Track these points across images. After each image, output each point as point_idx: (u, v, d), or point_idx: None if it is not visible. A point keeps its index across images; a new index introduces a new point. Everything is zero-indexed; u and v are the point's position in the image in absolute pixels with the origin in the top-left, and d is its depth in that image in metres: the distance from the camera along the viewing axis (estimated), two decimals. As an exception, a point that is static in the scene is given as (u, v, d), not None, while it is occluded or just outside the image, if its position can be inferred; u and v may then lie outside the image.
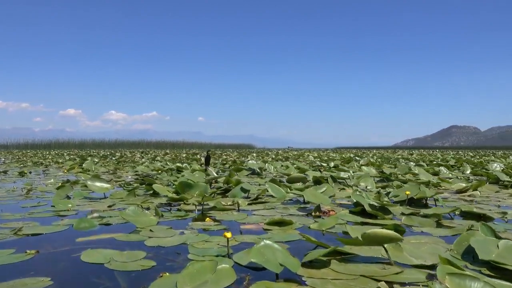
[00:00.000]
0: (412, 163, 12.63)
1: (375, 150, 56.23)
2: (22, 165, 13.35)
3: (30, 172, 9.86)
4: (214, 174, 8.01)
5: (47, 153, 32.60)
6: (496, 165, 10.33)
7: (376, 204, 3.85)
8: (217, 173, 8.49)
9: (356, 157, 18.37)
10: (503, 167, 9.90)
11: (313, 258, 2.18)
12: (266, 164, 11.36)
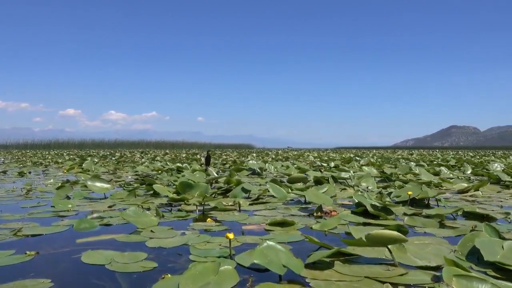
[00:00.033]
0: (412, 163, 12.61)
1: (375, 150, 56.22)
2: (21, 165, 13.32)
3: (30, 172, 9.83)
4: (214, 174, 7.98)
5: (47, 153, 32.55)
6: (497, 165, 10.30)
7: (378, 205, 3.82)
8: (217, 173, 8.47)
9: (356, 157, 18.35)
10: (503, 167, 9.88)
11: (316, 259, 2.16)
12: (267, 164, 11.33)
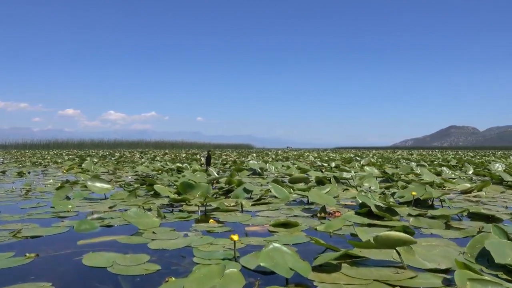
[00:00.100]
0: (413, 163, 12.56)
1: (375, 150, 56.17)
2: (20, 165, 13.25)
3: (29, 172, 9.77)
4: (215, 174, 7.93)
5: (46, 153, 32.45)
6: (498, 165, 10.26)
7: (382, 205, 3.77)
8: (217, 173, 8.41)
9: (356, 157, 18.30)
10: (505, 167, 9.84)
11: (323, 262, 2.10)
12: (267, 164, 11.27)
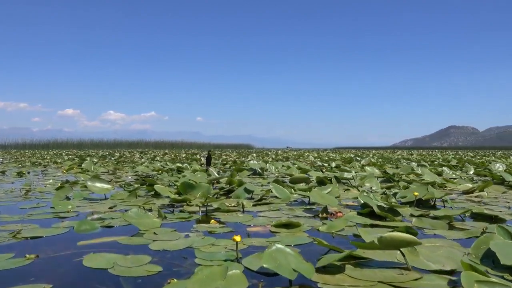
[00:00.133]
0: (414, 163, 12.54)
1: (374, 150, 56.16)
2: (20, 165, 13.21)
3: (29, 173, 9.74)
4: (215, 174, 7.90)
5: (46, 153, 32.42)
6: (499, 165, 10.24)
7: (384, 206, 3.75)
8: (218, 174, 8.39)
9: (356, 157, 18.28)
10: (505, 167, 9.82)
11: (326, 263, 2.08)
12: (267, 164, 11.25)
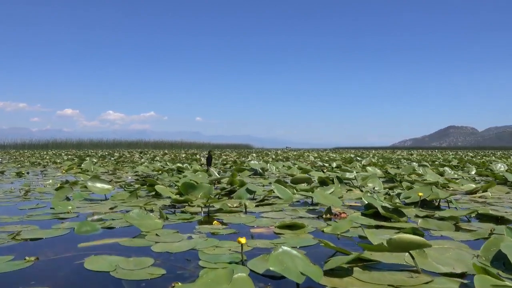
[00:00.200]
0: (415, 163, 12.49)
1: (374, 151, 56.13)
2: (19, 166, 13.15)
3: (28, 173, 9.68)
4: (216, 174, 7.85)
5: (45, 153, 32.32)
6: (500, 165, 10.20)
7: (389, 206, 3.70)
8: (218, 174, 8.34)
9: (357, 157, 18.23)
10: (507, 167, 9.79)
11: (334, 266, 2.03)
12: (268, 165, 11.21)
